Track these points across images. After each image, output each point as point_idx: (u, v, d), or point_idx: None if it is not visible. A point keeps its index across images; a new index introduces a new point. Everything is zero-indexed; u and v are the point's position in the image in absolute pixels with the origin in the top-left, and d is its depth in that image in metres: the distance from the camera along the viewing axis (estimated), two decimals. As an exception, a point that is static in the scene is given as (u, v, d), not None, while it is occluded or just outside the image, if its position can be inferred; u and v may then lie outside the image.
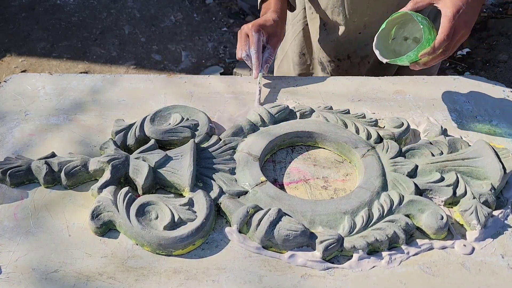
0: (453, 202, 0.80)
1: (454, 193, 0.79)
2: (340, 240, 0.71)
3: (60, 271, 0.67)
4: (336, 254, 0.71)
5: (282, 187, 0.83)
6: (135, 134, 0.86)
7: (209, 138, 0.87)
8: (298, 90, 1.05)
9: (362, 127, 0.91)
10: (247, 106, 0.98)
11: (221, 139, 0.87)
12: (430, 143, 0.87)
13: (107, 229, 0.73)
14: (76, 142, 0.88)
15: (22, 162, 0.79)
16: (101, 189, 0.76)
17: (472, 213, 0.75)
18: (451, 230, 0.75)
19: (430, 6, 0.87)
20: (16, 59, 2.64)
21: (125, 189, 0.75)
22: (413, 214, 0.76)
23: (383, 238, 0.71)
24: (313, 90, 1.05)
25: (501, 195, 0.83)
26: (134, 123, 0.88)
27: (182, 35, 2.86)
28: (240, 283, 0.67)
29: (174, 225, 0.71)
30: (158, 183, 0.80)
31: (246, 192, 0.78)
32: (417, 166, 0.83)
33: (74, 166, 0.78)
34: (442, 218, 0.73)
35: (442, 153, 0.86)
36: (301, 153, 0.90)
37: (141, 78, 1.06)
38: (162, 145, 0.86)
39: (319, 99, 1.02)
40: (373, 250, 0.72)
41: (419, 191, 0.80)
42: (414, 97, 1.04)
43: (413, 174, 0.82)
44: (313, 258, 0.70)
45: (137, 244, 0.71)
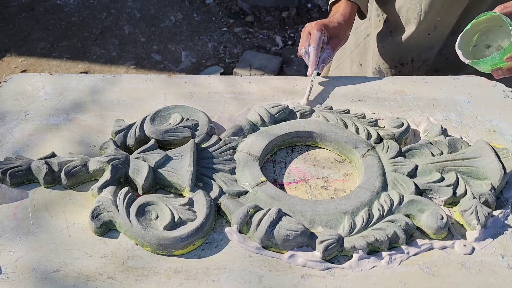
0: (453, 202, 0.80)
1: (454, 193, 0.79)
2: (340, 240, 0.71)
3: (60, 271, 0.67)
4: (336, 254, 0.71)
5: (282, 187, 0.83)
6: (135, 134, 0.86)
7: (209, 138, 0.87)
8: (298, 90, 1.05)
9: (362, 127, 0.91)
10: (247, 106, 0.98)
11: (221, 139, 0.87)
12: (430, 143, 0.87)
13: (107, 229, 0.73)
14: (76, 142, 0.88)
15: (22, 162, 0.79)
16: (101, 189, 0.76)
17: (472, 213, 0.75)
18: (451, 230, 0.75)
19: None
20: (16, 59, 2.64)
21: (125, 189, 0.75)
22: (413, 214, 0.76)
23: (383, 238, 0.71)
24: (313, 90, 1.05)
25: (501, 195, 0.83)
26: (134, 123, 0.88)
27: (182, 35, 2.86)
28: (240, 283, 0.67)
29: (174, 225, 0.71)
30: (158, 183, 0.80)
31: (246, 192, 0.78)
32: (417, 166, 0.83)
33: (74, 166, 0.78)
34: (442, 218, 0.73)
35: (442, 153, 0.86)
36: (301, 153, 0.90)
37: (141, 78, 1.06)
38: (162, 145, 0.86)
39: (319, 99, 1.02)
40: (373, 250, 0.72)
41: (419, 191, 0.80)
42: (414, 97, 1.04)
43: (413, 174, 0.82)
44: (313, 258, 0.70)
45: (137, 244, 0.71)
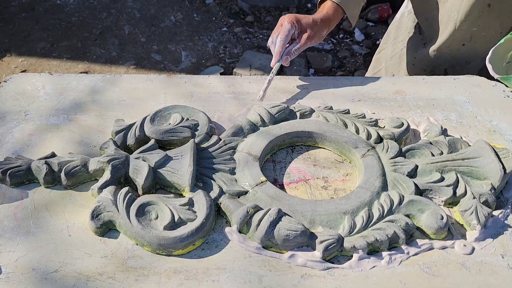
0: (453, 202, 0.80)
1: (454, 193, 0.79)
2: (340, 240, 0.71)
3: (60, 271, 0.67)
4: (336, 254, 0.71)
5: (282, 187, 0.83)
6: (135, 134, 0.86)
7: (209, 138, 0.87)
8: (298, 90, 1.05)
9: (362, 127, 0.91)
10: (247, 106, 0.98)
11: (221, 139, 0.87)
12: (430, 143, 0.87)
13: (107, 229, 0.73)
14: (76, 142, 0.88)
15: (22, 162, 0.79)
16: (101, 189, 0.76)
17: (472, 213, 0.75)
18: (451, 230, 0.75)
19: None
20: (16, 59, 2.64)
21: (125, 189, 0.75)
22: (413, 214, 0.76)
23: (383, 238, 0.71)
24: (313, 90, 1.05)
25: (501, 195, 0.83)
26: (134, 123, 0.88)
27: (182, 35, 2.86)
28: (240, 283, 0.67)
29: (174, 225, 0.71)
30: (158, 183, 0.80)
31: (246, 192, 0.78)
32: (417, 166, 0.83)
33: (74, 166, 0.78)
34: (442, 218, 0.73)
35: (442, 153, 0.86)
36: (301, 153, 0.90)
37: (141, 78, 1.06)
38: (162, 145, 0.86)
39: (319, 99, 1.02)
40: (373, 250, 0.72)
41: (419, 191, 0.80)
42: (414, 97, 1.04)
43: (413, 174, 0.82)
44: (313, 258, 0.70)
45: (137, 244, 0.71)
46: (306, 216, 0.74)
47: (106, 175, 0.77)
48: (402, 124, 0.91)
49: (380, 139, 0.89)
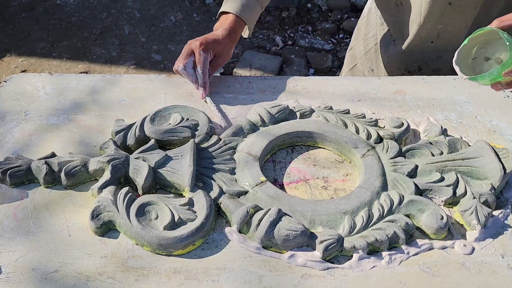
0: (453, 202, 0.80)
1: (454, 193, 0.79)
2: (340, 240, 0.71)
3: (60, 271, 0.67)
4: (336, 254, 0.71)
5: (282, 187, 0.83)
6: (135, 134, 0.86)
7: (209, 138, 0.87)
8: (298, 90, 1.05)
9: (362, 127, 0.91)
10: (247, 106, 0.98)
11: (221, 139, 0.87)
12: (430, 143, 0.87)
13: (107, 229, 0.73)
14: (76, 142, 0.88)
15: (22, 162, 0.79)
16: (101, 189, 0.76)
17: (472, 213, 0.75)
18: (451, 230, 0.75)
19: None
20: (16, 59, 2.64)
21: (125, 189, 0.75)
22: (413, 214, 0.76)
23: (383, 238, 0.71)
24: (313, 90, 1.05)
25: (501, 195, 0.83)
26: (134, 123, 0.88)
27: (182, 35, 2.86)
28: (240, 283, 0.67)
29: (174, 225, 0.71)
30: (158, 183, 0.80)
31: (246, 192, 0.78)
32: (417, 166, 0.83)
33: (74, 166, 0.78)
34: (442, 218, 0.73)
35: (442, 153, 0.86)
36: (301, 153, 0.90)
37: (141, 78, 1.06)
38: (162, 145, 0.86)
39: (319, 99, 1.02)
40: (373, 250, 0.72)
41: (419, 191, 0.80)
42: (414, 97, 1.04)
43: (413, 174, 0.82)
44: (313, 258, 0.70)
45: (137, 244, 0.71)
46: (306, 216, 0.74)
47: (106, 175, 0.77)
48: (402, 124, 0.91)
49: (380, 139, 0.89)
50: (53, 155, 0.81)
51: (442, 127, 0.92)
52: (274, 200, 0.76)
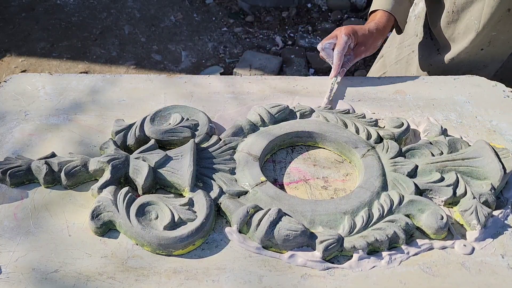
0: (453, 202, 0.80)
1: (454, 193, 0.79)
2: (340, 240, 0.71)
3: (60, 271, 0.67)
4: (336, 254, 0.71)
5: (282, 187, 0.83)
6: (135, 134, 0.86)
7: (209, 138, 0.87)
8: (298, 90, 1.05)
9: (362, 127, 0.91)
10: (247, 106, 0.98)
11: (221, 139, 0.87)
12: (430, 143, 0.87)
13: (107, 229, 0.73)
14: (76, 142, 0.88)
15: (22, 162, 0.79)
16: (101, 189, 0.76)
17: (472, 213, 0.75)
18: (451, 230, 0.75)
19: None
20: (16, 59, 2.64)
21: (125, 189, 0.75)
22: (413, 214, 0.76)
23: (383, 238, 0.71)
24: (313, 90, 1.05)
25: (501, 195, 0.83)
26: (134, 123, 0.88)
27: (182, 35, 2.86)
28: (240, 283, 0.67)
29: (174, 225, 0.71)
30: (158, 183, 0.80)
31: (246, 192, 0.78)
32: (417, 166, 0.83)
33: (74, 166, 0.78)
34: (442, 218, 0.73)
35: (442, 153, 0.86)
36: (301, 153, 0.90)
37: (141, 78, 1.06)
38: (162, 145, 0.86)
39: (319, 99, 1.02)
40: (373, 250, 0.72)
41: (419, 191, 0.80)
42: (414, 97, 1.04)
43: (413, 174, 0.82)
44: (313, 258, 0.70)
45: (137, 244, 0.71)
46: (306, 216, 0.74)
47: (106, 175, 0.77)
48: (402, 124, 0.91)
49: (380, 139, 0.89)
50: (53, 155, 0.81)
51: (442, 127, 0.92)
52: (274, 200, 0.76)
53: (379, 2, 1.13)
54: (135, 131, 0.86)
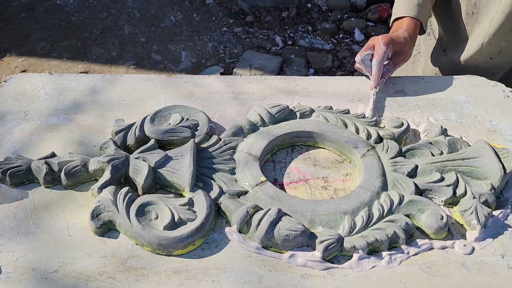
0: (453, 202, 0.80)
1: (454, 193, 0.79)
2: (340, 240, 0.71)
3: (60, 271, 0.67)
4: (336, 254, 0.71)
5: (282, 187, 0.83)
6: (135, 134, 0.86)
7: (209, 138, 0.87)
8: (298, 90, 1.05)
9: (362, 127, 0.91)
10: (247, 106, 0.98)
11: (221, 139, 0.87)
12: (430, 143, 0.87)
13: (107, 229, 0.73)
14: (76, 142, 0.88)
15: (22, 162, 0.79)
16: (101, 189, 0.76)
17: (472, 213, 0.75)
18: (451, 230, 0.75)
19: None
20: (16, 59, 2.64)
21: (125, 189, 0.75)
22: (413, 214, 0.76)
23: (383, 238, 0.71)
24: (313, 90, 1.05)
25: (501, 195, 0.83)
26: (134, 123, 0.88)
27: (182, 35, 2.86)
28: (240, 283, 0.67)
29: (174, 225, 0.71)
30: (158, 183, 0.80)
31: (246, 192, 0.78)
32: (417, 166, 0.83)
33: (74, 166, 0.78)
34: (442, 218, 0.73)
35: (442, 153, 0.86)
36: (301, 153, 0.90)
37: (141, 78, 1.06)
38: (162, 145, 0.86)
39: (319, 99, 1.02)
40: (373, 250, 0.72)
41: (419, 191, 0.80)
42: (414, 97, 1.04)
43: (413, 174, 0.82)
44: (313, 258, 0.70)
45: (137, 244, 0.71)
46: (306, 216, 0.74)
47: (106, 175, 0.77)
48: (402, 124, 0.91)
49: (380, 139, 0.89)
50: (53, 155, 0.81)
51: (442, 127, 0.92)
52: (274, 200, 0.76)
53: (404, 8, 1.11)
54: (135, 131, 0.86)
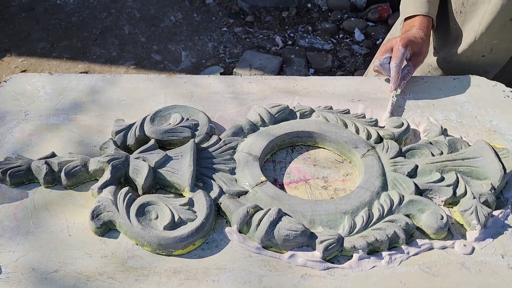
0: (453, 202, 0.80)
1: (454, 193, 0.79)
2: (340, 240, 0.71)
3: (60, 271, 0.67)
4: (336, 254, 0.71)
5: (282, 187, 0.83)
6: (135, 134, 0.86)
7: (209, 138, 0.87)
8: (298, 90, 1.05)
9: (362, 127, 0.91)
10: (247, 106, 0.98)
11: (221, 139, 0.87)
12: (430, 143, 0.87)
13: (107, 229, 0.73)
14: (76, 142, 0.88)
15: (22, 162, 0.79)
16: (101, 189, 0.76)
17: (472, 213, 0.75)
18: (451, 230, 0.75)
19: None
20: (16, 59, 2.64)
21: (125, 189, 0.75)
22: (413, 214, 0.76)
23: (383, 238, 0.71)
24: (313, 90, 1.05)
25: (501, 195, 0.83)
26: (134, 123, 0.88)
27: (182, 35, 2.86)
28: (240, 283, 0.67)
29: (174, 225, 0.71)
30: (158, 183, 0.80)
31: (246, 192, 0.78)
32: (417, 166, 0.83)
33: (74, 166, 0.78)
34: (442, 218, 0.73)
35: (442, 153, 0.86)
36: (301, 153, 0.90)
37: (141, 78, 1.06)
38: (162, 145, 0.86)
39: (319, 99, 1.02)
40: (373, 250, 0.72)
41: (419, 191, 0.80)
42: (414, 97, 1.04)
43: (413, 174, 0.82)
44: (313, 258, 0.70)
45: (137, 244, 0.71)
46: (306, 216, 0.74)
47: (106, 175, 0.77)
48: (402, 124, 0.91)
49: (380, 139, 0.89)
50: (53, 155, 0.81)
51: (442, 127, 0.92)
52: (274, 200, 0.76)
53: (414, 7, 1.11)
54: (135, 131, 0.86)
